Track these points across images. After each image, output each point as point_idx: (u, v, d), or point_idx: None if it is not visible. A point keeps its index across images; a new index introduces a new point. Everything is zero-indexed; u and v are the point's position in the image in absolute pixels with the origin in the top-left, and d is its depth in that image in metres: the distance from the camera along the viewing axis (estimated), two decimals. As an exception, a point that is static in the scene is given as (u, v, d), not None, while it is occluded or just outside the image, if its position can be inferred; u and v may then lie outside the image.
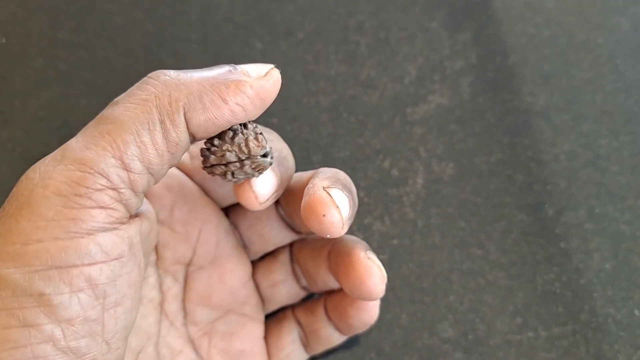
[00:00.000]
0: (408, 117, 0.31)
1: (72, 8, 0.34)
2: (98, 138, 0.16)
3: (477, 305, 0.28)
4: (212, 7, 0.34)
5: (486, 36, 0.34)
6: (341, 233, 0.19)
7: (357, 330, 0.23)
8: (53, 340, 0.15)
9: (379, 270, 0.20)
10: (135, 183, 0.16)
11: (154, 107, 0.16)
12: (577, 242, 0.29)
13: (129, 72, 0.32)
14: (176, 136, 0.16)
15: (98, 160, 0.15)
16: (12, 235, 0.15)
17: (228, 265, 0.23)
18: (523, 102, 0.32)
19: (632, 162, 0.31)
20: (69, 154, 0.16)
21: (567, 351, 0.27)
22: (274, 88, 0.18)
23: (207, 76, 0.17)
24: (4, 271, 0.15)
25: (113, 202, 0.16)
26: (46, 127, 0.31)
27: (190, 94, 0.17)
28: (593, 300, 0.28)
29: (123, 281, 0.16)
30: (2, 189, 0.29)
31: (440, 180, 0.30)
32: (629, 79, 0.33)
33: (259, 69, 0.18)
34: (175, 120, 0.16)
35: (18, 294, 0.15)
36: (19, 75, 0.32)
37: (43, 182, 0.15)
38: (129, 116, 0.16)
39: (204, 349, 0.23)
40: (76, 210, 0.15)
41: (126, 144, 0.16)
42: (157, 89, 0.16)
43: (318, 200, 0.18)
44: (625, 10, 0.34)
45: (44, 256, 0.15)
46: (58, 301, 0.15)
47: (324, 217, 0.18)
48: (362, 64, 0.33)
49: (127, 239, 0.16)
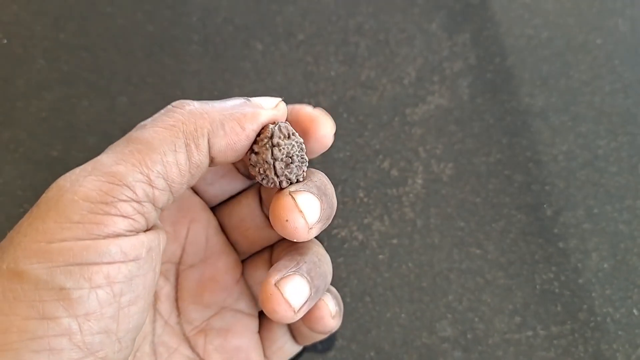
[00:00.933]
0: (407, 117, 0.32)
1: (74, 10, 0.34)
2: (128, 155, 0.17)
3: (476, 305, 0.28)
4: (213, 9, 0.34)
5: (485, 37, 0.34)
6: (307, 238, 0.19)
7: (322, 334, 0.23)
8: (69, 334, 0.15)
9: (279, 303, 0.19)
10: (157, 198, 0.17)
11: (180, 132, 0.18)
12: (576, 241, 0.29)
13: (130, 73, 0.32)
14: (198, 159, 0.18)
15: (127, 175, 0.17)
16: (38, 234, 0.16)
17: (219, 263, 0.24)
18: (522, 103, 0.32)
19: (630, 162, 0.31)
20: (99, 167, 0.17)
21: (566, 350, 0.27)
22: (283, 118, 0.20)
23: (227, 107, 0.19)
24: (27, 266, 0.15)
25: (135, 213, 0.17)
26: (49, 127, 0.31)
27: (213, 121, 0.18)
28: (591, 299, 0.28)
29: (139, 282, 0.17)
30: (6, 189, 0.29)
31: (440, 180, 0.30)
32: (627, 80, 0.33)
33: (269, 101, 0.20)
34: (199, 144, 0.18)
35: (40, 287, 0.15)
36: (21, 76, 0.32)
37: (73, 188, 0.16)
38: (158, 138, 0.17)
39: (200, 347, 0.23)
40: (101, 216, 0.16)
41: (154, 163, 0.17)
42: (183, 116, 0.18)
43: (281, 205, 0.19)
44: (624, 11, 0.35)
45: (67, 253, 0.16)
46: (77, 295, 0.15)
47: (287, 222, 0.19)
48: (362, 65, 0.33)
49: (145, 243, 0.17)
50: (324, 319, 0.22)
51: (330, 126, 0.21)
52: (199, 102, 0.19)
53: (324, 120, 0.20)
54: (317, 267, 0.21)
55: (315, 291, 0.20)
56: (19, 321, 0.15)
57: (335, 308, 0.23)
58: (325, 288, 0.21)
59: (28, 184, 0.29)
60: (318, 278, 0.21)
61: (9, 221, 0.29)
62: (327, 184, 0.21)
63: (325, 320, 0.22)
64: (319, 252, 0.21)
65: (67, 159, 0.30)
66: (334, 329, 0.23)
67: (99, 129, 0.31)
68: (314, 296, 0.20)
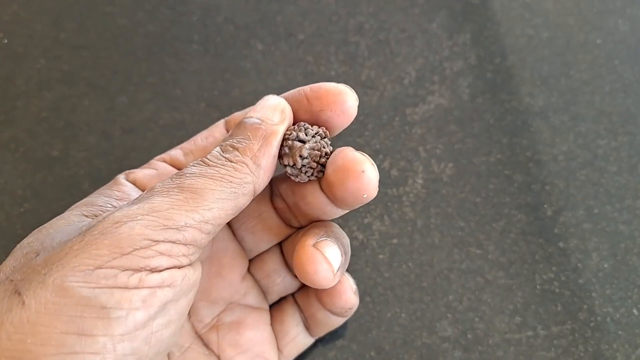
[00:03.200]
0: (408, 117, 0.32)
1: (75, 9, 0.34)
2: (183, 202, 0.18)
3: (476, 305, 0.28)
4: (214, 9, 0.34)
5: (485, 37, 0.34)
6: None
7: (341, 313, 0.24)
8: (104, 352, 0.16)
9: (323, 259, 0.21)
10: (203, 241, 0.19)
11: (228, 184, 0.19)
12: (576, 241, 0.29)
13: (130, 72, 0.32)
14: (243, 203, 0.20)
15: (180, 220, 0.18)
16: (90, 258, 0.17)
17: (225, 259, 0.24)
18: (522, 102, 0.32)
19: (630, 162, 0.31)
20: (156, 209, 0.18)
21: (566, 350, 0.27)
22: (291, 115, 0.21)
23: (254, 148, 0.20)
24: (73, 284, 0.16)
25: (180, 255, 0.18)
26: (49, 127, 0.31)
27: (252, 167, 0.20)
28: (592, 299, 0.28)
29: (172, 307, 0.18)
30: (5, 189, 0.29)
31: (440, 180, 0.30)
32: (627, 80, 0.33)
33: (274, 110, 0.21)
34: (245, 192, 0.20)
35: (82, 304, 0.16)
36: (21, 75, 0.32)
37: (130, 224, 0.17)
38: (209, 189, 0.19)
39: (213, 343, 0.23)
40: (151, 252, 0.17)
41: (204, 211, 0.18)
42: (228, 170, 0.20)
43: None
44: (624, 11, 0.35)
45: (111, 278, 0.17)
46: (116, 315, 0.16)
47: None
48: (362, 65, 0.33)
49: (182, 272, 0.18)
50: (346, 293, 0.23)
51: (354, 98, 0.21)
52: (229, 152, 0.20)
53: (348, 92, 0.21)
54: (343, 238, 0.22)
55: (345, 259, 0.21)
56: (57, 334, 0.16)
57: (354, 285, 0.23)
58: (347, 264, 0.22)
59: (27, 183, 0.29)
60: (345, 247, 0.22)
61: (9, 220, 0.29)
62: (342, 232, 0.22)
63: (347, 294, 0.23)
64: (339, 230, 0.23)
65: (66, 158, 0.30)
66: (354, 307, 0.24)
67: (99, 128, 0.31)
68: (345, 264, 0.21)
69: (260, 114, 0.21)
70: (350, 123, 0.22)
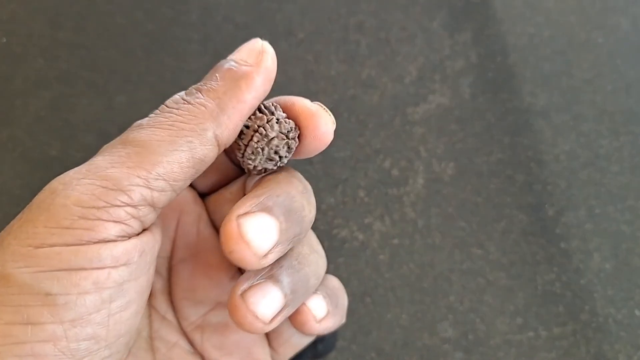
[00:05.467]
0: (408, 116, 0.31)
1: (73, 8, 0.34)
2: (124, 158, 0.16)
3: (478, 305, 0.28)
4: (213, 7, 0.34)
5: (486, 36, 0.34)
6: (261, 266, 0.18)
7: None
8: (54, 340, 0.15)
9: (244, 316, 0.19)
10: (156, 200, 0.17)
11: (180, 130, 0.17)
12: (578, 242, 0.29)
13: (129, 72, 0.32)
14: (203, 153, 0.17)
15: (122, 179, 0.16)
16: (28, 238, 0.15)
17: (212, 258, 0.23)
18: (523, 102, 0.32)
19: (632, 162, 0.31)
20: (94, 170, 0.16)
21: (568, 351, 0.27)
22: (274, 63, 0.19)
23: (219, 90, 0.18)
24: (14, 270, 0.15)
25: (129, 218, 0.16)
26: (47, 126, 0.31)
27: (213, 111, 0.18)
28: (593, 300, 0.28)
29: (130, 287, 0.17)
30: (3, 189, 0.29)
31: (441, 180, 0.30)
32: (629, 79, 0.33)
33: (250, 51, 0.19)
34: (203, 139, 0.17)
35: (25, 292, 0.15)
36: (19, 75, 0.32)
37: (65, 192, 0.16)
38: (156, 139, 0.17)
39: (197, 343, 0.23)
40: (92, 221, 0.16)
41: (152, 165, 0.16)
42: (181, 115, 0.17)
43: (225, 233, 0.17)
44: (626, 10, 0.34)
45: (54, 258, 0.15)
46: (63, 301, 0.15)
47: (231, 253, 0.17)
48: (363, 64, 0.33)
49: (138, 246, 0.17)
50: (307, 324, 0.21)
51: (330, 122, 0.19)
52: (191, 95, 0.18)
53: (323, 115, 0.19)
54: (295, 272, 0.19)
55: (292, 298, 0.19)
56: (2, 325, 0.15)
57: (322, 311, 0.21)
58: (311, 291, 0.20)
59: (26, 183, 0.29)
60: (297, 283, 0.19)
61: (7, 220, 0.29)
62: (294, 195, 0.19)
63: (308, 325, 0.21)
64: (300, 253, 0.20)
65: (65, 158, 0.30)
66: (325, 331, 0.22)
67: (97, 127, 0.31)
68: (292, 303, 0.19)
69: (236, 56, 0.19)
70: (325, 148, 0.19)
